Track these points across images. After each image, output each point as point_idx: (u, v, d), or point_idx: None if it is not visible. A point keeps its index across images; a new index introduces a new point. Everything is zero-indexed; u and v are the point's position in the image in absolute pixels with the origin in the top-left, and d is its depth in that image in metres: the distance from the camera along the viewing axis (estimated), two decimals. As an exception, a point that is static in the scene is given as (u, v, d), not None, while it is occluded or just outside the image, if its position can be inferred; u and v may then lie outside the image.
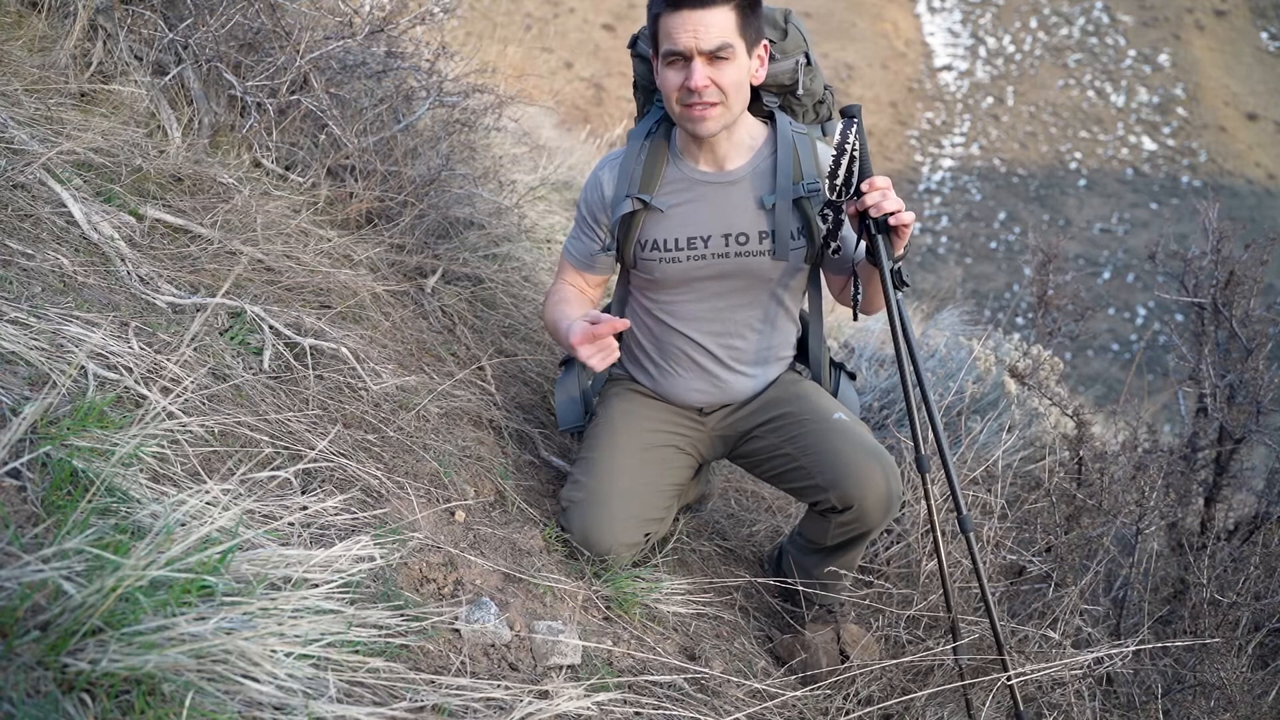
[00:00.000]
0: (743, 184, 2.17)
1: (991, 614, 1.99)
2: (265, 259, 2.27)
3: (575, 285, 2.35)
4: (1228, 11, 36.68)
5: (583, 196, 2.30)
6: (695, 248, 2.18)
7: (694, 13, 1.96)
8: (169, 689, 1.09)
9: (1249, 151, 31.58)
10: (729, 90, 2.03)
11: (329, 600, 1.35)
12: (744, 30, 2.01)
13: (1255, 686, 2.40)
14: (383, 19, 3.00)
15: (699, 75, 1.99)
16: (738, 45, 2.00)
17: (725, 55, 1.99)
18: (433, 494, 2.03)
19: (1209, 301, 3.16)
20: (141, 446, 1.49)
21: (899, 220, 1.93)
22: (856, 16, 35.85)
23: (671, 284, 2.24)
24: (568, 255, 2.36)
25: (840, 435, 2.16)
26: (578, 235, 2.32)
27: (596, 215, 2.27)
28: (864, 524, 2.14)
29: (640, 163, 2.21)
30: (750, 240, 2.17)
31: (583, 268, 2.33)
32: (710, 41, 1.97)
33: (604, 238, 2.28)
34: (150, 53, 2.55)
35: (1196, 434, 3.17)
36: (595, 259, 2.31)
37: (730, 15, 1.98)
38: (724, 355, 2.27)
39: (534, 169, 4.75)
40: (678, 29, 1.98)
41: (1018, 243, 27.97)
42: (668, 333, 2.29)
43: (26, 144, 2.00)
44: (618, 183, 2.23)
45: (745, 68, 2.05)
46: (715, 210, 2.17)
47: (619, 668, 1.86)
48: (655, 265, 2.21)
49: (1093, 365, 21.47)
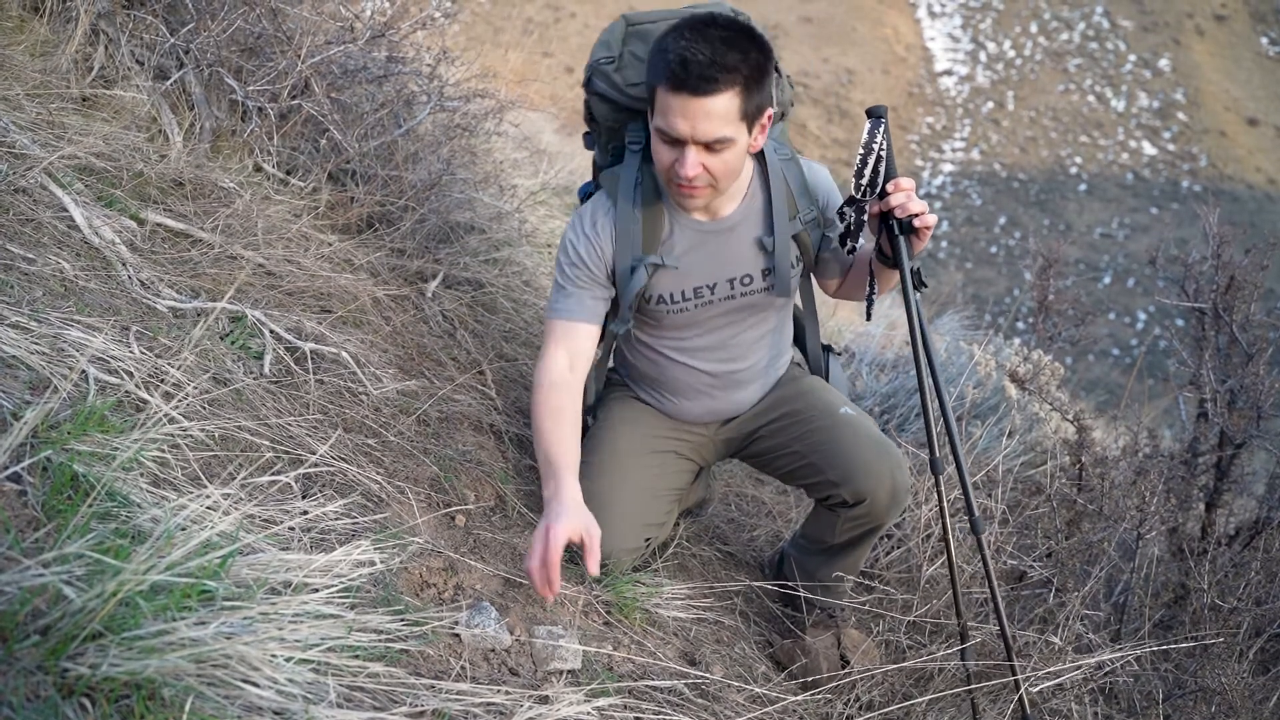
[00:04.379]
0: (740, 227, 2.13)
1: (1001, 617, 1.99)
2: (266, 263, 2.28)
3: (573, 348, 2.10)
4: (1228, 16, 36.71)
5: (574, 254, 2.11)
6: (702, 296, 2.15)
7: (695, 99, 1.82)
8: (169, 693, 1.09)
9: (1249, 156, 31.59)
10: (720, 176, 1.94)
11: (329, 605, 1.35)
12: (746, 111, 1.87)
13: (1256, 692, 2.40)
14: (384, 24, 3.01)
15: (691, 165, 1.89)
16: (738, 134, 1.88)
17: (721, 148, 1.89)
18: (433, 498, 2.03)
19: (1209, 306, 3.16)
20: (142, 451, 1.50)
21: (924, 222, 1.93)
22: (857, 21, 35.88)
23: (676, 326, 2.21)
24: (560, 315, 2.11)
25: (849, 430, 2.17)
26: (569, 291, 2.11)
27: (595, 273, 2.11)
28: (874, 518, 2.15)
29: (638, 222, 2.09)
30: (754, 280, 2.15)
31: (581, 318, 2.11)
32: (707, 134, 1.85)
33: (605, 293, 2.14)
34: (152, 57, 2.55)
35: (1197, 439, 3.17)
36: (595, 307, 2.13)
37: (733, 100, 1.84)
38: (728, 377, 2.27)
39: (535, 174, 4.75)
40: (675, 112, 1.84)
41: (1018, 247, 27.96)
42: (671, 365, 2.26)
43: (28, 148, 2.00)
44: (618, 246, 2.09)
45: (743, 149, 1.93)
46: (717, 257, 2.13)
47: (619, 672, 1.86)
48: (662, 315, 2.18)
49: (1093, 370, 21.45)
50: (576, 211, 2.17)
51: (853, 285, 2.30)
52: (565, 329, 2.11)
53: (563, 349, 2.10)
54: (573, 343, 2.11)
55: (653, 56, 1.89)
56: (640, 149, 2.11)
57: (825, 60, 33.56)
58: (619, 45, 2.12)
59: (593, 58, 2.14)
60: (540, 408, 2.04)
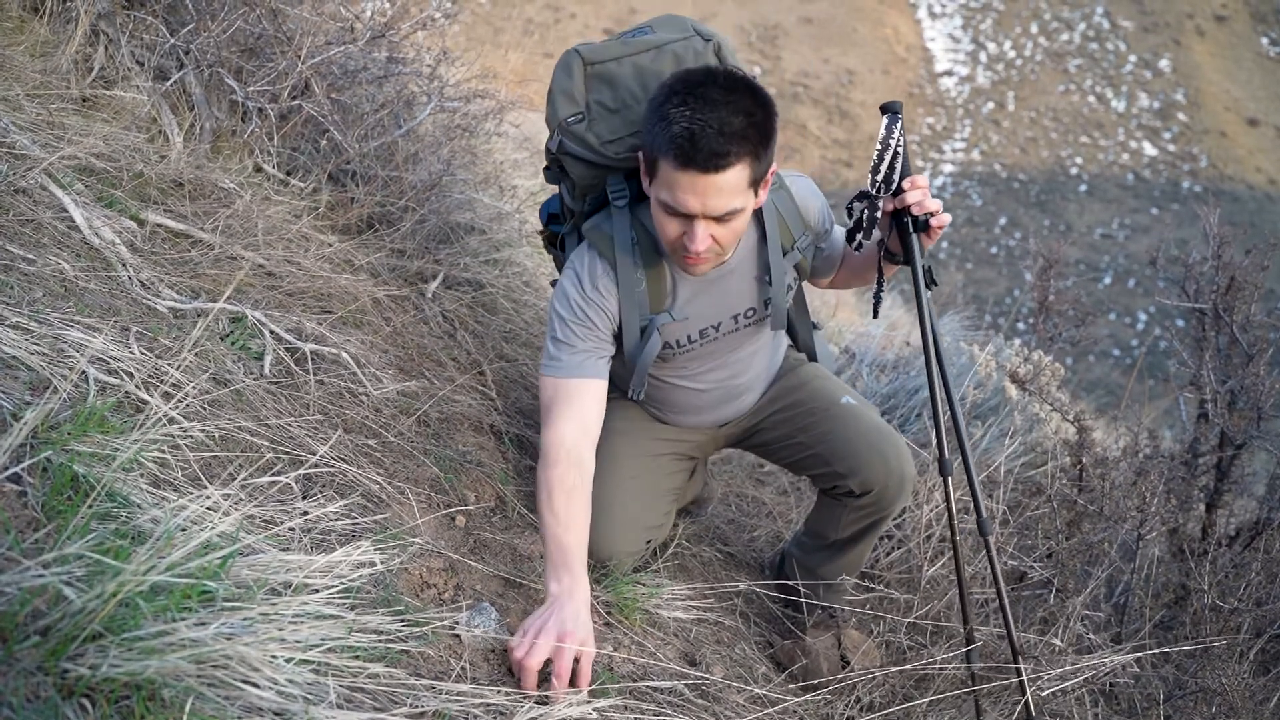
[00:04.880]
0: (740, 267, 2.08)
1: (1007, 617, 1.98)
2: (266, 264, 2.28)
3: (583, 410, 1.94)
4: (1228, 17, 36.71)
5: (579, 314, 1.96)
6: (708, 336, 2.12)
7: (705, 176, 1.72)
8: (169, 694, 1.09)
9: (1249, 156, 31.59)
10: (728, 244, 1.87)
11: (329, 605, 1.35)
12: (754, 178, 1.79)
13: (1257, 693, 2.40)
14: (384, 24, 3.01)
15: (701, 239, 1.80)
16: (746, 202, 1.81)
17: (731, 218, 1.81)
18: (433, 499, 2.03)
19: (1210, 307, 3.16)
20: (142, 451, 1.50)
21: (939, 221, 1.93)
22: (857, 22, 35.89)
23: (682, 363, 2.18)
24: (566, 373, 1.94)
25: (853, 420, 2.17)
26: (576, 348, 1.96)
27: (601, 331, 1.99)
28: (881, 508, 2.16)
29: (642, 283, 1.98)
30: (757, 312, 2.14)
31: (590, 374, 1.96)
32: (718, 209, 1.77)
33: (610, 350, 2.03)
34: (152, 58, 2.55)
35: (1198, 439, 3.17)
36: (602, 367, 1.99)
37: (743, 172, 1.75)
38: (730, 391, 2.26)
39: (535, 174, 4.74)
40: (684, 189, 1.75)
41: (1018, 248, 27.96)
42: (672, 390, 2.24)
43: (28, 149, 2.00)
44: (624, 311, 1.98)
45: (749, 212, 1.85)
46: (720, 299, 2.09)
47: (619, 673, 1.86)
48: (669, 357, 2.14)
49: (1094, 370, 21.43)
50: (570, 266, 2.02)
51: (844, 279, 2.31)
52: (573, 390, 1.94)
53: (573, 417, 1.92)
54: (583, 407, 1.94)
55: (652, 122, 1.77)
56: (626, 203, 1.98)
57: (825, 60, 33.58)
58: (583, 95, 1.96)
59: (557, 112, 1.96)
60: (553, 487, 1.86)
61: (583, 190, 2.03)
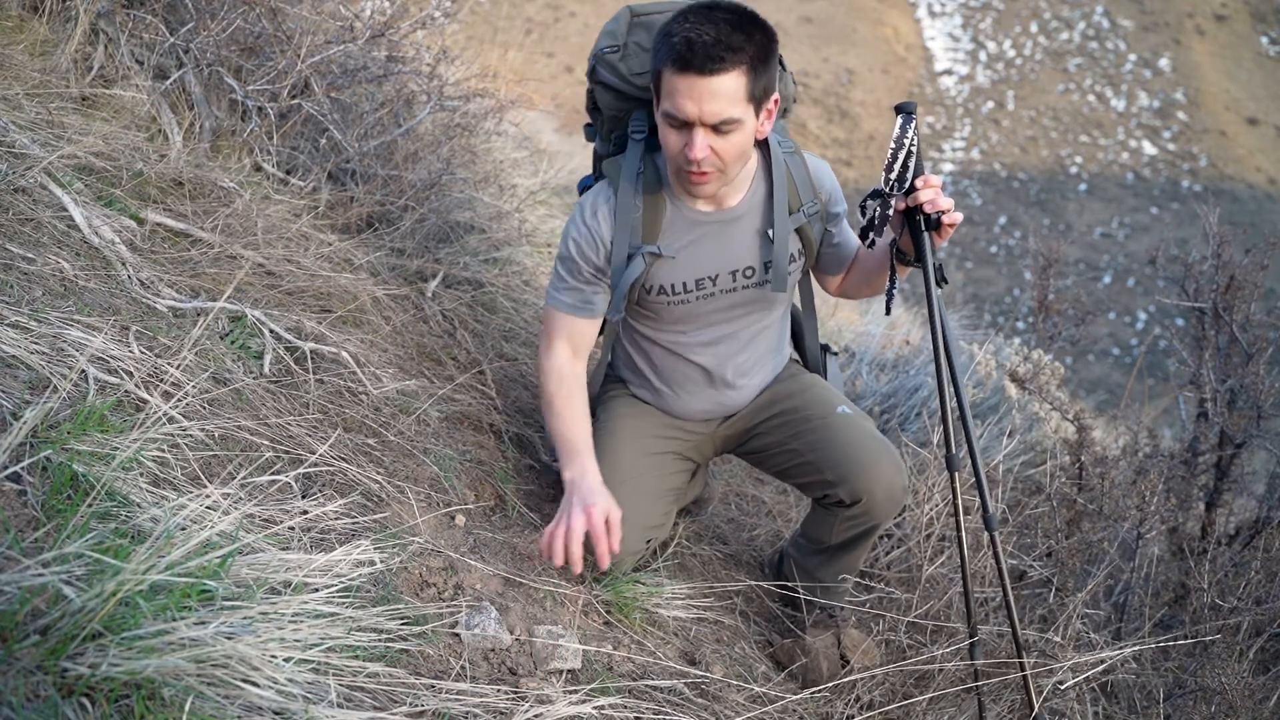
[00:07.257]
0: (745, 218, 2.13)
1: (1012, 613, 1.98)
2: (266, 263, 2.28)
3: (574, 339, 2.17)
4: (1228, 16, 36.70)
5: (574, 247, 2.12)
6: (704, 288, 2.15)
7: (701, 79, 1.83)
8: (169, 693, 1.09)
9: (1249, 156, 31.58)
10: (729, 160, 1.95)
11: (329, 605, 1.35)
12: (753, 92, 1.89)
13: (1256, 692, 2.39)
14: (384, 24, 3.01)
15: (699, 146, 1.90)
16: (745, 115, 1.90)
17: (729, 129, 1.90)
18: (433, 498, 2.03)
19: (1209, 306, 3.16)
20: (142, 451, 1.50)
21: (951, 219, 1.94)
22: (857, 21, 35.88)
23: (677, 319, 2.21)
24: (560, 306, 2.16)
25: (847, 430, 2.17)
26: (570, 285, 2.14)
27: (596, 264, 2.12)
28: (871, 518, 2.15)
29: (638, 210, 2.09)
30: (756, 272, 2.16)
31: (581, 313, 2.16)
32: (715, 115, 1.86)
33: (605, 287, 2.16)
34: (151, 57, 2.55)
35: (1197, 439, 3.17)
36: (595, 300, 2.16)
37: (740, 80, 1.86)
38: (728, 374, 2.26)
39: (534, 173, 4.75)
40: (682, 94, 1.86)
41: (1018, 247, 27.95)
42: (670, 359, 2.27)
43: (28, 148, 2.00)
44: (616, 234, 2.09)
45: (750, 132, 1.94)
46: (720, 248, 2.13)
47: (619, 672, 1.86)
48: (662, 307, 2.18)
49: (1093, 370, 21.44)
50: (578, 203, 2.17)
51: (854, 283, 2.30)
52: (566, 322, 2.17)
53: (565, 340, 2.17)
54: (575, 335, 2.18)
55: (658, 42, 1.91)
56: (643, 138, 2.12)
57: (825, 60, 33.56)
58: (624, 35, 2.12)
59: (597, 47, 2.13)
60: (552, 395, 2.15)
61: (610, 125, 2.20)
